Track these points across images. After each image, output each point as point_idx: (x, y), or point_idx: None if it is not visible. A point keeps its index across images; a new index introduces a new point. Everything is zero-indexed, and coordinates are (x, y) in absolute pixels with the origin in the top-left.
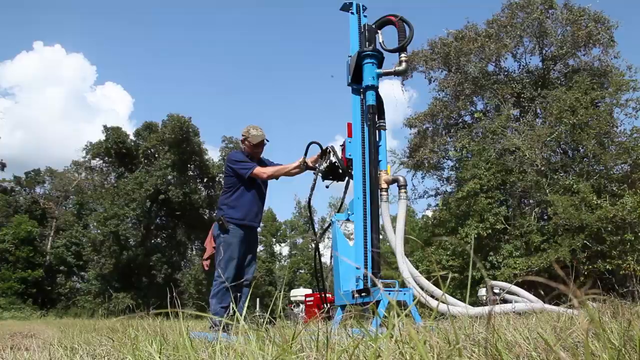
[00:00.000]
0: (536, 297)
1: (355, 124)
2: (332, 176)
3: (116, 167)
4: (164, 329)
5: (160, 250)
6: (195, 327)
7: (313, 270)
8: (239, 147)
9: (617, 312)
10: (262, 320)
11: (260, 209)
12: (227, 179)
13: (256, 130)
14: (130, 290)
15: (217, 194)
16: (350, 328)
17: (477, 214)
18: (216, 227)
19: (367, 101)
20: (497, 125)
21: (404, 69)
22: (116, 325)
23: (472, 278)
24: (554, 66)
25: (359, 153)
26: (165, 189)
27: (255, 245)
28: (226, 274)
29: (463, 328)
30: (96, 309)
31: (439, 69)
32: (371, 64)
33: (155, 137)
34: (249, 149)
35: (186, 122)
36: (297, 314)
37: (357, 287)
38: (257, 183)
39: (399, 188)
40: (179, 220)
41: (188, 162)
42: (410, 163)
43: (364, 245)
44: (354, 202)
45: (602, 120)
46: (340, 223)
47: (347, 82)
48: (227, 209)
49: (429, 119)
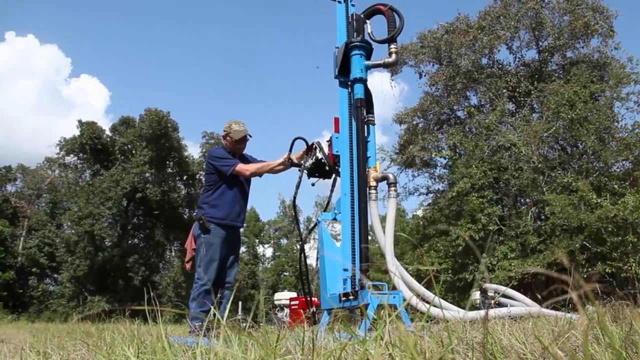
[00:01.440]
0: (533, 300)
1: (342, 119)
2: (318, 173)
3: (91, 164)
4: (141, 333)
5: (138, 251)
6: (175, 332)
7: (298, 272)
8: (220, 143)
9: (618, 315)
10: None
11: (243, 208)
12: (207, 176)
13: (238, 125)
14: (105, 293)
15: (197, 192)
16: (338, 332)
17: (468, 214)
18: (196, 227)
19: (355, 94)
20: (492, 120)
21: (393, 61)
22: (91, 330)
23: (464, 281)
24: (550, 58)
25: (346, 149)
26: (142, 187)
27: (237, 246)
28: (207, 276)
29: (456, 332)
30: (70, 313)
31: (430, 62)
32: (359, 55)
33: (132, 132)
34: (230, 145)
35: (165, 116)
36: (282, 318)
37: (345, 290)
38: (240, 181)
39: (388, 186)
40: (157, 219)
41: (167, 158)
42: (400, 160)
43: (352, 246)
44: (341, 200)
45: (602, 115)
46: (326, 223)
47: (334, 74)
48: (208, 208)
49: (419, 114)
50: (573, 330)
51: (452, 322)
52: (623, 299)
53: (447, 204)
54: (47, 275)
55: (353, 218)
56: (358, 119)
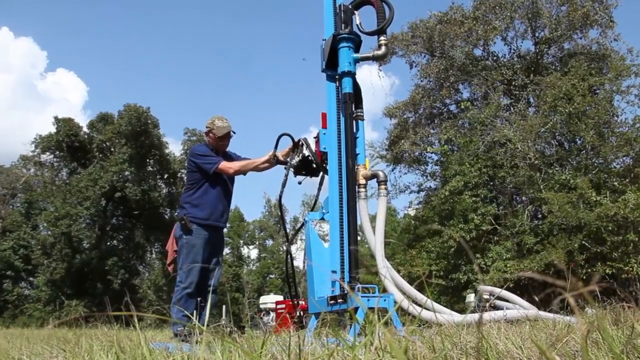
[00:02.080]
0: (530, 303)
1: (330, 114)
2: (305, 171)
3: (68, 162)
4: (120, 338)
5: (117, 253)
6: (156, 338)
7: (284, 275)
8: (203, 139)
9: (619, 318)
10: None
11: (226, 208)
12: (189, 174)
13: (222, 121)
14: (83, 297)
15: (178, 191)
16: (326, 337)
17: (461, 213)
18: (178, 228)
19: (343, 89)
20: (486, 115)
21: (383, 53)
22: (68, 335)
23: (458, 282)
24: (547, 50)
25: (334, 146)
26: (121, 186)
27: (221, 247)
28: (189, 279)
29: (450, 336)
30: (46, 318)
31: (421, 53)
32: (348, 48)
33: (110, 129)
34: (213, 141)
35: (144, 112)
36: (267, 322)
37: (333, 293)
38: (223, 179)
39: (378, 184)
40: (137, 220)
41: (147, 156)
42: (390, 156)
43: (341, 247)
44: (329, 199)
45: (601, 109)
46: (314, 223)
47: (322, 68)
48: (190, 208)
49: (410, 108)
50: (572, 334)
51: (446, 326)
52: (624, 300)
53: (439, 203)
54: (22, 279)
55: (341, 218)
56: (346, 114)
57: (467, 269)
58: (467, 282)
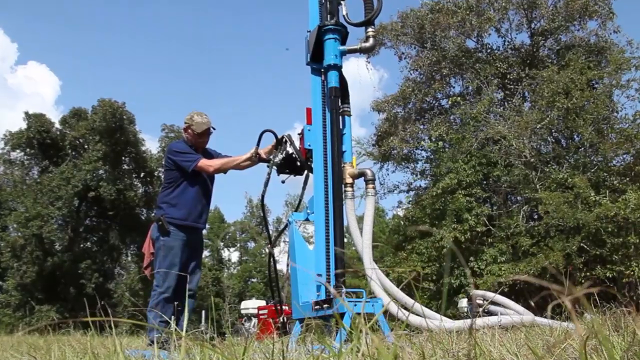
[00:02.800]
0: (525, 308)
1: (315, 110)
2: (289, 169)
3: (39, 160)
4: (94, 345)
5: (91, 255)
6: (132, 345)
7: (267, 279)
8: (181, 136)
9: (619, 324)
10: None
11: (206, 208)
12: (167, 173)
13: (201, 116)
14: (55, 302)
15: (155, 190)
16: (311, 343)
17: (454, 213)
18: (155, 229)
19: (329, 83)
20: (479, 110)
21: (371, 46)
22: (39, 342)
23: (450, 286)
24: (544, 42)
25: (319, 143)
26: (95, 185)
27: (200, 249)
28: (166, 283)
29: (442, 343)
30: (16, 324)
31: (412, 44)
32: (334, 39)
33: (84, 125)
34: (192, 138)
35: (120, 108)
36: (249, 328)
37: (318, 297)
38: (202, 178)
39: (366, 183)
40: (111, 221)
41: (122, 154)
42: (378, 154)
43: (326, 249)
44: (314, 199)
45: (600, 104)
46: (298, 224)
47: (306, 61)
48: (168, 208)
49: (399, 102)
50: (570, 341)
51: (437, 332)
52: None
53: (430, 202)
54: None
55: (327, 218)
56: (332, 109)
57: (459, 272)
58: (459, 286)
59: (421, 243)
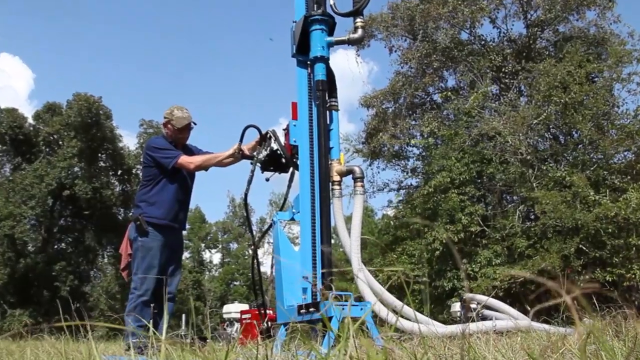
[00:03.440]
0: (521, 313)
1: (301, 104)
2: (273, 167)
3: (11, 157)
4: (69, 351)
5: (65, 257)
6: (108, 350)
7: (250, 281)
8: (161, 132)
9: (620, 329)
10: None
11: (186, 207)
12: (146, 170)
13: (181, 111)
14: (28, 305)
15: (133, 189)
16: (296, 348)
17: (446, 213)
18: (133, 229)
19: (315, 76)
20: (472, 105)
21: (359, 37)
22: (11, 347)
23: (442, 290)
24: (541, 33)
25: (306, 139)
26: (70, 184)
27: (180, 250)
28: (145, 285)
29: (433, 347)
30: None
31: (402, 36)
32: (320, 30)
33: (58, 120)
34: (172, 133)
35: (96, 102)
36: (231, 333)
37: (304, 300)
38: (182, 175)
39: (354, 181)
40: (87, 221)
41: (98, 150)
42: (367, 151)
43: (313, 250)
44: (300, 198)
45: (599, 99)
46: (283, 224)
47: (292, 52)
48: (146, 207)
49: (389, 97)
50: (568, 345)
51: (429, 337)
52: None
53: (422, 202)
54: None
55: (313, 218)
56: (319, 103)
57: (452, 275)
58: (452, 289)
59: (412, 244)
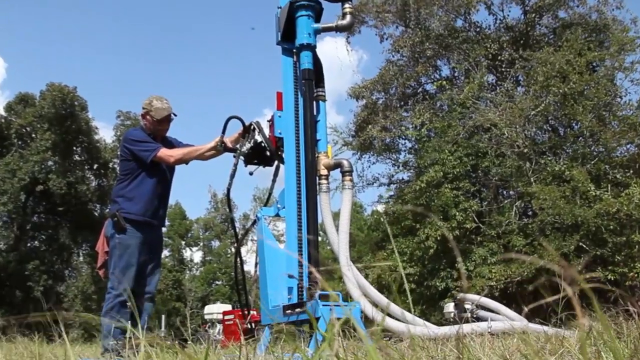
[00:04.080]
0: (518, 313)
1: (286, 94)
2: (257, 160)
3: None
4: (43, 353)
5: (39, 255)
6: (85, 353)
7: (233, 281)
8: (139, 123)
9: (622, 330)
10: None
11: (165, 203)
12: (123, 164)
13: (161, 101)
14: (0, 306)
15: (110, 184)
16: (281, 351)
17: (439, 209)
18: (110, 226)
19: (301, 64)
20: (467, 95)
21: (348, 23)
22: None
23: (435, 290)
24: (539, 20)
25: (291, 130)
26: (44, 178)
27: (159, 248)
28: (122, 285)
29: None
30: None
31: (394, 23)
32: (307, 16)
33: (31, 112)
34: (151, 125)
35: (70, 93)
36: (213, 335)
37: (290, 301)
38: (162, 169)
39: (342, 175)
40: (62, 217)
41: (73, 143)
42: (356, 143)
43: (299, 248)
44: (286, 193)
45: (601, 89)
46: (267, 220)
47: (276, 40)
48: (124, 202)
49: (379, 87)
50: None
51: (421, 339)
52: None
53: (413, 197)
54: None
55: (300, 214)
56: (305, 93)
57: (445, 274)
58: (445, 289)
59: (403, 242)
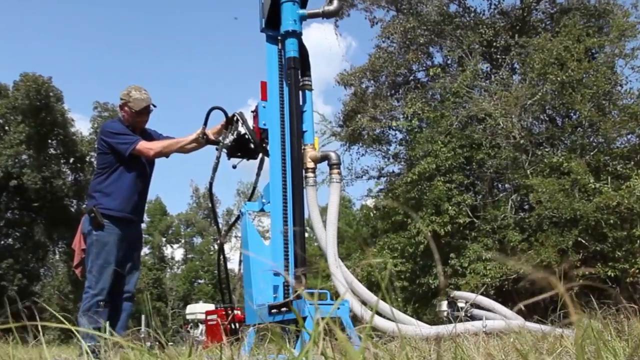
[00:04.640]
0: (514, 312)
1: (271, 83)
2: (241, 152)
3: None
4: (18, 355)
5: (13, 254)
6: (61, 354)
7: (216, 279)
8: (117, 115)
9: (622, 328)
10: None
11: (144, 198)
12: (100, 157)
13: (139, 92)
14: None
15: (87, 178)
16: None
17: (432, 203)
18: (87, 222)
19: (287, 52)
20: (461, 84)
21: (335, 9)
22: None
23: (427, 288)
24: (536, 5)
25: (276, 121)
26: (18, 173)
27: (138, 246)
28: (100, 284)
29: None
30: None
31: (385, 7)
32: (292, 2)
33: (4, 103)
34: (129, 117)
35: (45, 83)
36: (196, 336)
37: (276, 300)
38: (141, 163)
39: (330, 167)
40: (37, 214)
41: (48, 136)
42: (345, 134)
43: (284, 244)
44: (270, 187)
45: (600, 77)
46: (252, 216)
47: (261, 27)
48: (101, 197)
49: (369, 75)
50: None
51: (412, 338)
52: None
53: (404, 190)
54: None
55: (285, 209)
56: (291, 83)
57: (438, 271)
58: (438, 287)
59: (394, 237)
